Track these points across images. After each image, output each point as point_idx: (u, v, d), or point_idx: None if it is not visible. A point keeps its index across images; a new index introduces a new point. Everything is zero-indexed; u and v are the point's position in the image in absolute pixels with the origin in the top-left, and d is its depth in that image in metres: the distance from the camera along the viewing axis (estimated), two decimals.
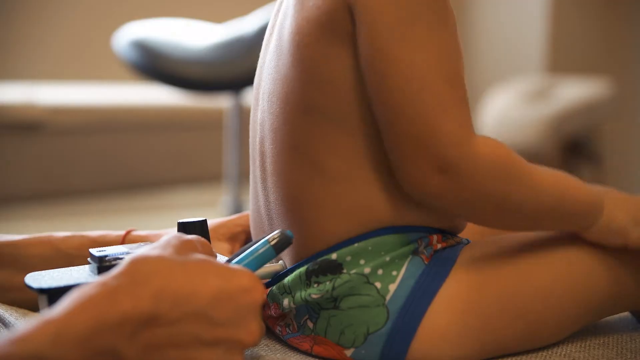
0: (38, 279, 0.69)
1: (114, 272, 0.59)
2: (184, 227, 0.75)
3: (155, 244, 0.64)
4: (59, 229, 0.87)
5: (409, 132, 0.67)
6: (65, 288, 0.65)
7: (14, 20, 2.81)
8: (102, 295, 0.57)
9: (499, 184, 0.68)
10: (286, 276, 0.75)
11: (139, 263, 0.60)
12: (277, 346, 0.78)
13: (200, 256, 0.63)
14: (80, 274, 0.70)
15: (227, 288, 0.61)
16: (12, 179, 2.53)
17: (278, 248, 0.70)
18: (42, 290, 0.67)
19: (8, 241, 0.85)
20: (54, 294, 0.65)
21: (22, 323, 0.54)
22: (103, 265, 0.70)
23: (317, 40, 0.70)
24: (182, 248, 0.64)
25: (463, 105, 0.68)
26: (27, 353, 0.52)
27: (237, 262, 0.69)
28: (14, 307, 0.82)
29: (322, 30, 0.70)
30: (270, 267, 0.76)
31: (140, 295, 0.57)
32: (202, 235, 0.74)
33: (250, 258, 0.70)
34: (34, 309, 0.81)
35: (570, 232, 0.76)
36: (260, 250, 0.70)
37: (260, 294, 0.63)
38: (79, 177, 2.68)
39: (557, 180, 0.72)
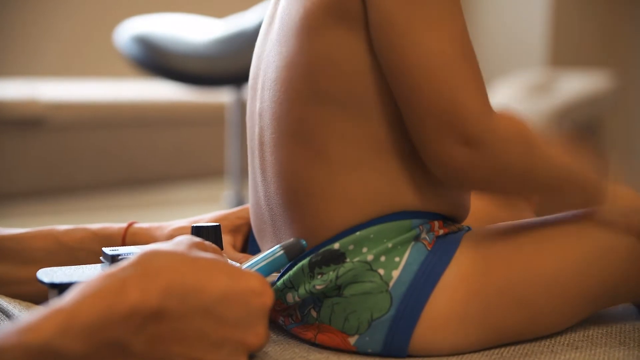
0: (50, 274, 0.69)
1: (124, 264, 0.59)
2: (197, 231, 0.74)
3: (167, 242, 0.65)
4: (61, 224, 0.87)
5: (432, 109, 0.67)
6: (76, 284, 0.65)
7: (15, 16, 2.81)
8: (111, 286, 0.57)
9: (520, 156, 0.70)
10: (287, 271, 0.74)
11: (149, 256, 0.60)
12: (279, 337, 0.78)
13: (211, 255, 0.63)
14: (93, 272, 0.70)
15: (236, 288, 0.61)
16: (14, 175, 2.53)
17: (291, 256, 0.71)
18: (53, 285, 0.67)
19: (10, 234, 0.85)
20: (65, 290, 0.65)
21: (26, 315, 0.54)
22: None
23: (326, 25, 0.70)
24: (194, 247, 0.64)
25: (480, 80, 0.69)
26: (36, 343, 0.52)
27: (248, 267, 0.69)
28: (17, 300, 0.82)
29: (331, 14, 0.70)
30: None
31: (149, 288, 0.57)
32: (216, 241, 0.75)
33: (262, 264, 0.70)
34: (37, 302, 0.81)
35: (581, 209, 0.77)
36: (272, 257, 0.70)
37: (269, 298, 0.63)
38: (80, 173, 2.68)
39: (568, 153, 0.74)
